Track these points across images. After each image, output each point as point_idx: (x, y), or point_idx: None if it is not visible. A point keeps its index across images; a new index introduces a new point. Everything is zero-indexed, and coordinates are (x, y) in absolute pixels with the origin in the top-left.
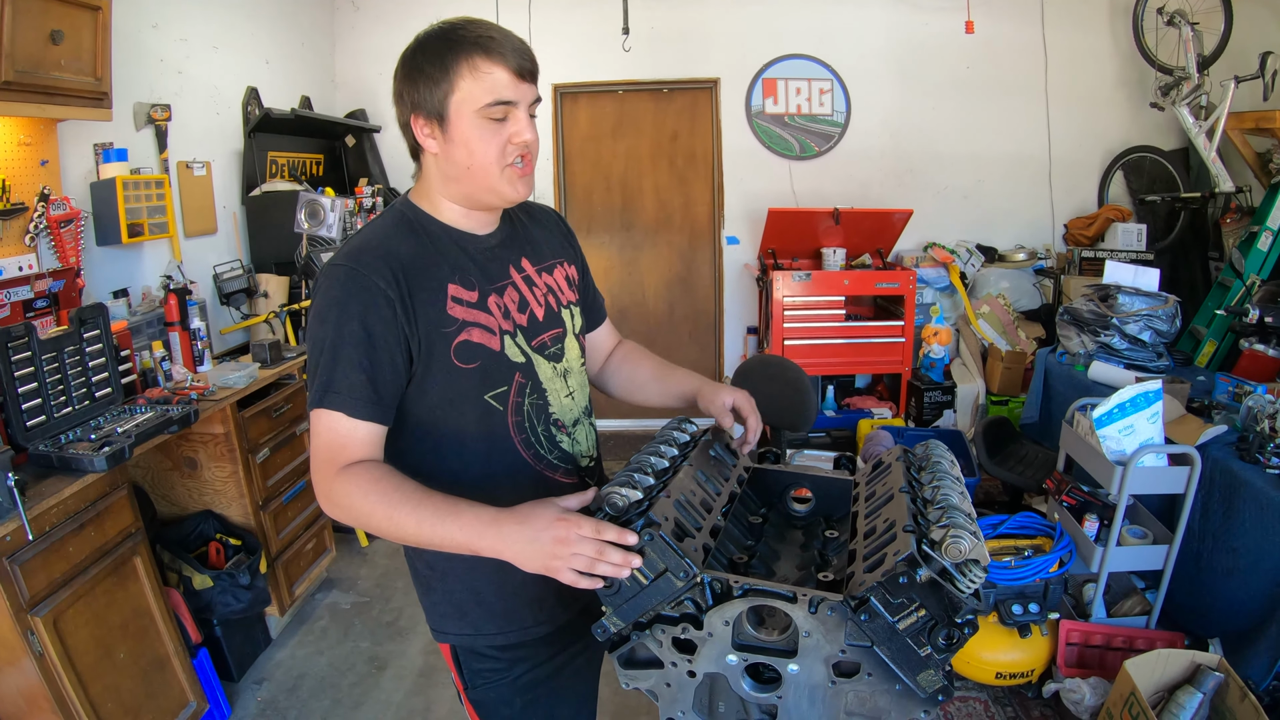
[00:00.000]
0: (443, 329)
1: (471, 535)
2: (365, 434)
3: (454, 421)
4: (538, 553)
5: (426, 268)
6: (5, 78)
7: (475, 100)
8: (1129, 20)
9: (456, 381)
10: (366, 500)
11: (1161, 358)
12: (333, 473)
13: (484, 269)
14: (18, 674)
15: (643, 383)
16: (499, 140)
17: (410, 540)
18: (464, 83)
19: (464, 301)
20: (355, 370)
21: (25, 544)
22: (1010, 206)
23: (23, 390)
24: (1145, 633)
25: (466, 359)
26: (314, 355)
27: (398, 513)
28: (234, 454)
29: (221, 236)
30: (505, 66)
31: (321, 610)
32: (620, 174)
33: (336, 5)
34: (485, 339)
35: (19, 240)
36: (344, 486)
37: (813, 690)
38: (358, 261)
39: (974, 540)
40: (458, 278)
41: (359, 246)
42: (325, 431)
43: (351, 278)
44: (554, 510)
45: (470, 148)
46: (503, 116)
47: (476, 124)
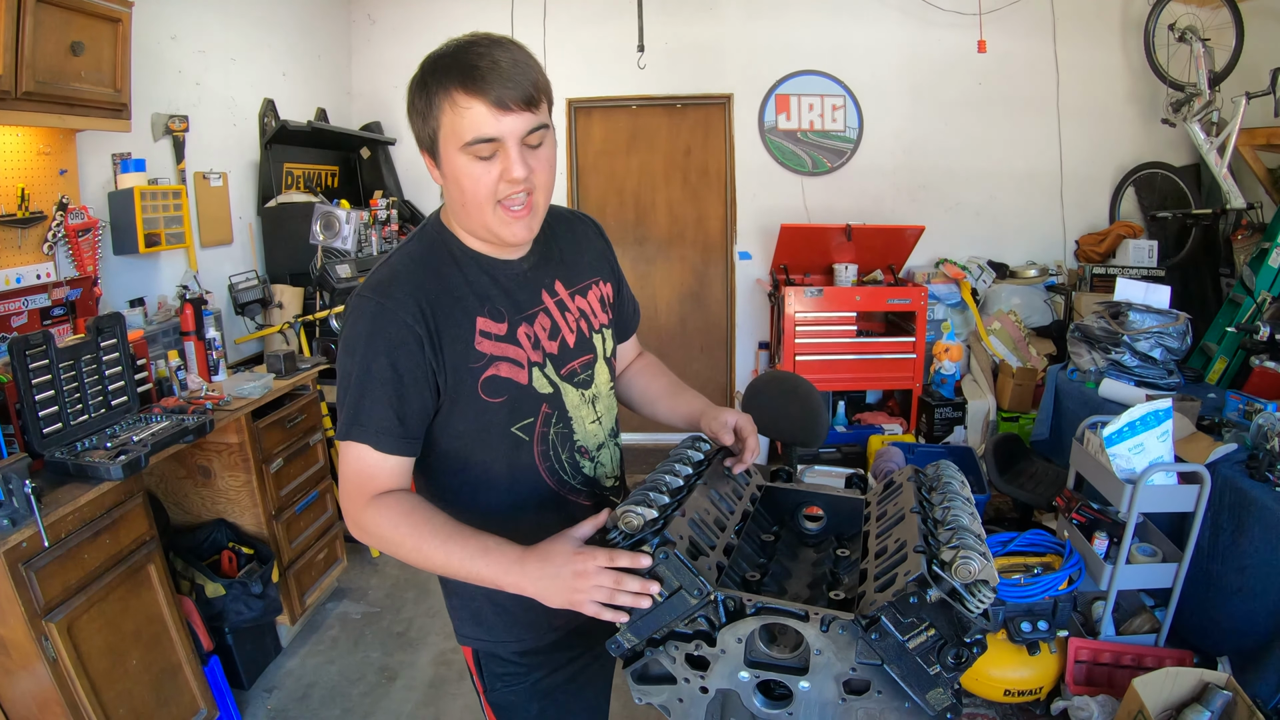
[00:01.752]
0: (470, 364)
1: (498, 573)
2: (393, 466)
3: (480, 452)
4: (560, 588)
5: (455, 301)
6: (26, 88)
7: (457, 137)
8: (1141, 36)
9: (483, 415)
10: (397, 531)
11: (1172, 375)
12: (363, 502)
13: (513, 298)
14: (31, 679)
15: (654, 398)
16: (489, 178)
17: (438, 571)
18: (446, 118)
19: (492, 335)
20: (382, 406)
21: (41, 550)
22: (1022, 223)
23: (40, 398)
24: (1154, 651)
25: (493, 393)
26: (342, 387)
27: (426, 545)
28: (248, 464)
29: (237, 247)
30: (484, 100)
31: (332, 620)
32: (634, 188)
33: (353, 19)
34: (513, 373)
35: (37, 249)
36: (374, 516)
37: (823, 707)
38: (386, 296)
39: (983, 561)
40: (486, 309)
41: (388, 278)
42: (354, 461)
43: (380, 313)
44: (571, 545)
45: (461, 185)
46: (490, 154)
47: (463, 161)
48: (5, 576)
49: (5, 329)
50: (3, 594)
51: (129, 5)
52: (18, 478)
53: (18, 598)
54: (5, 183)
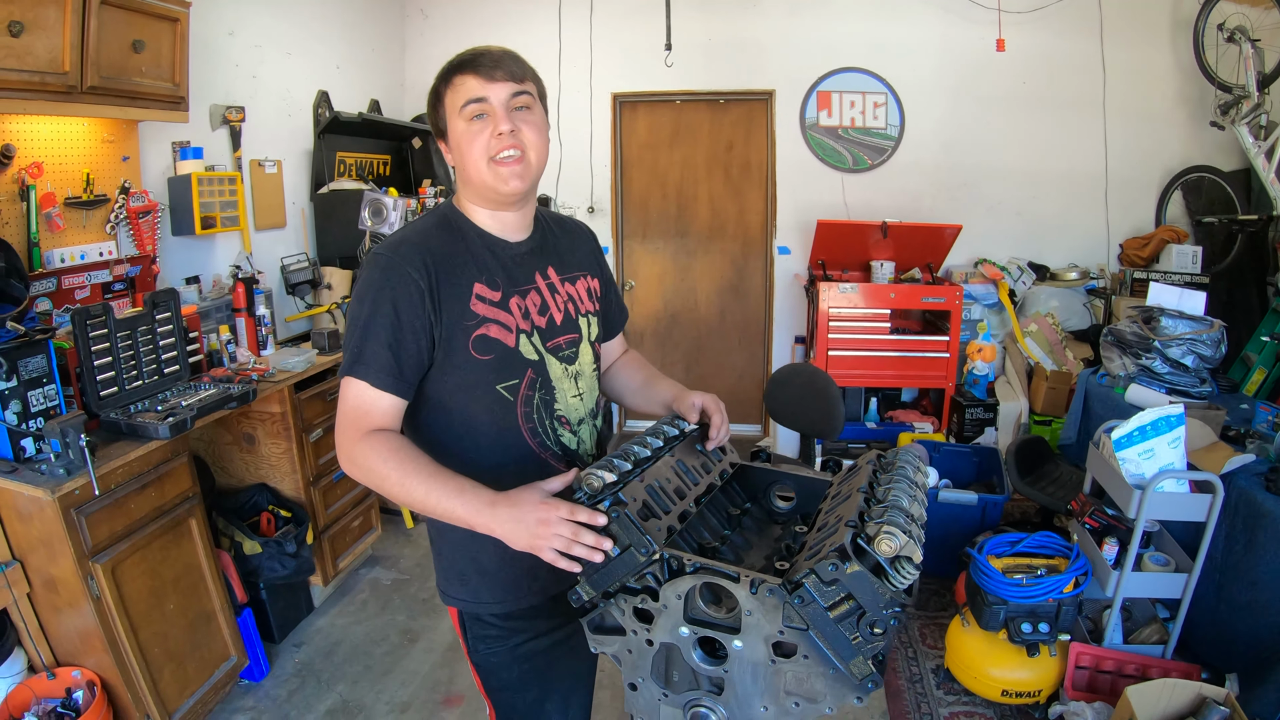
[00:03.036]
0: (464, 322)
1: (470, 513)
2: (388, 405)
3: (468, 406)
4: (523, 532)
5: (457, 265)
6: (91, 83)
7: (454, 107)
8: (1190, 36)
9: (472, 370)
10: (385, 465)
11: (1204, 383)
12: (357, 436)
13: (510, 272)
14: (77, 615)
15: (634, 389)
16: (482, 138)
17: (416, 506)
18: (448, 97)
19: (487, 300)
20: (383, 347)
21: (92, 498)
22: (1064, 224)
23: (98, 364)
24: (1160, 662)
25: (482, 351)
26: (349, 330)
27: (410, 480)
28: (289, 432)
29: (290, 230)
30: (474, 74)
31: (363, 584)
32: (676, 182)
33: (407, 13)
34: (502, 335)
35: (101, 228)
36: (365, 450)
37: (755, 667)
38: (396, 252)
39: (905, 539)
40: (484, 278)
41: (400, 240)
42: (352, 398)
43: (390, 266)
44: (538, 495)
45: (461, 149)
46: (479, 114)
47: (462, 128)
48: (58, 519)
49: (70, 301)
50: (55, 535)
51: (186, 5)
52: (74, 431)
53: (68, 539)
54: (72, 168)
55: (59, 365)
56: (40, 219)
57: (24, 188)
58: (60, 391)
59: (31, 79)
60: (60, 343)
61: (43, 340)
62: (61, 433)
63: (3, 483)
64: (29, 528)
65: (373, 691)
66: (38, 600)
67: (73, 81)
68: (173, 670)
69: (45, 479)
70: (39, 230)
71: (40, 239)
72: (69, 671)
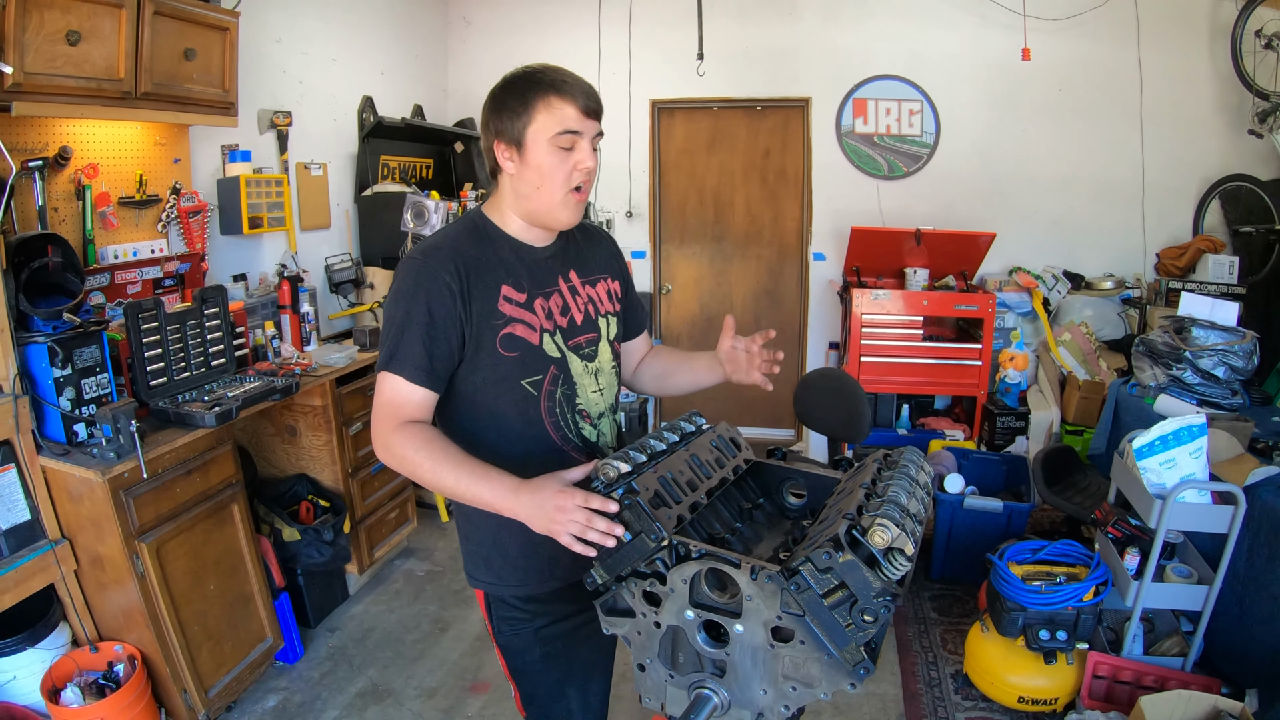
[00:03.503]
0: (492, 321)
1: (496, 497)
2: (421, 398)
3: (496, 400)
4: (543, 517)
5: (486, 268)
6: (144, 89)
7: (548, 130)
8: (1228, 42)
9: (499, 366)
10: (418, 454)
11: (1236, 395)
12: (392, 426)
13: (535, 276)
14: (121, 592)
15: (671, 370)
16: (565, 167)
17: (447, 493)
18: (540, 116)
19: (513, 301)
20: (417, 344)
21: (140, 481)
22: (1100, 233)
23: (149, 355)
24: (1179, 674)
25: (509, 348)
26: (385, 328)
27: (441, 468)
28: (330, 425)
29: (334, 231)
30: (574, 104)
31: (398, 574)
32: (713, 187)
33: (449, 21)
34: (527, 334)
35: (152, 227)
36: (400, 439)
37: (755, 651)
38: (429, 256)
39: (898, 532)
40: (511, 280)
41: (433, 244)
42: (388, 391)
43: (423, 268)
44: (557, 483)
45: (541, 171)
46: (570, 146)
47: (548, 151)
48: (107, 500)
49: (122, 295)
50: (104, 515)
51: (235, 16)
52: (125, 418)
53: (116, 519)
54: (126, 169)
55: (111, 356)
56: (95, 217)
57: (80, 187)
58: (112, 380)
59: (89, 85)
60: (113, 334)
61: (96, 332)
62: (113, 418)
63: (55, 464)
64: (79, 508)
65: (402, 676)
66: (84, 577)
67: (127, 88)
68: (211, 648)
69: (96, 461)
70: (93, 228)
71: (95, 236)
72: (111, 645)
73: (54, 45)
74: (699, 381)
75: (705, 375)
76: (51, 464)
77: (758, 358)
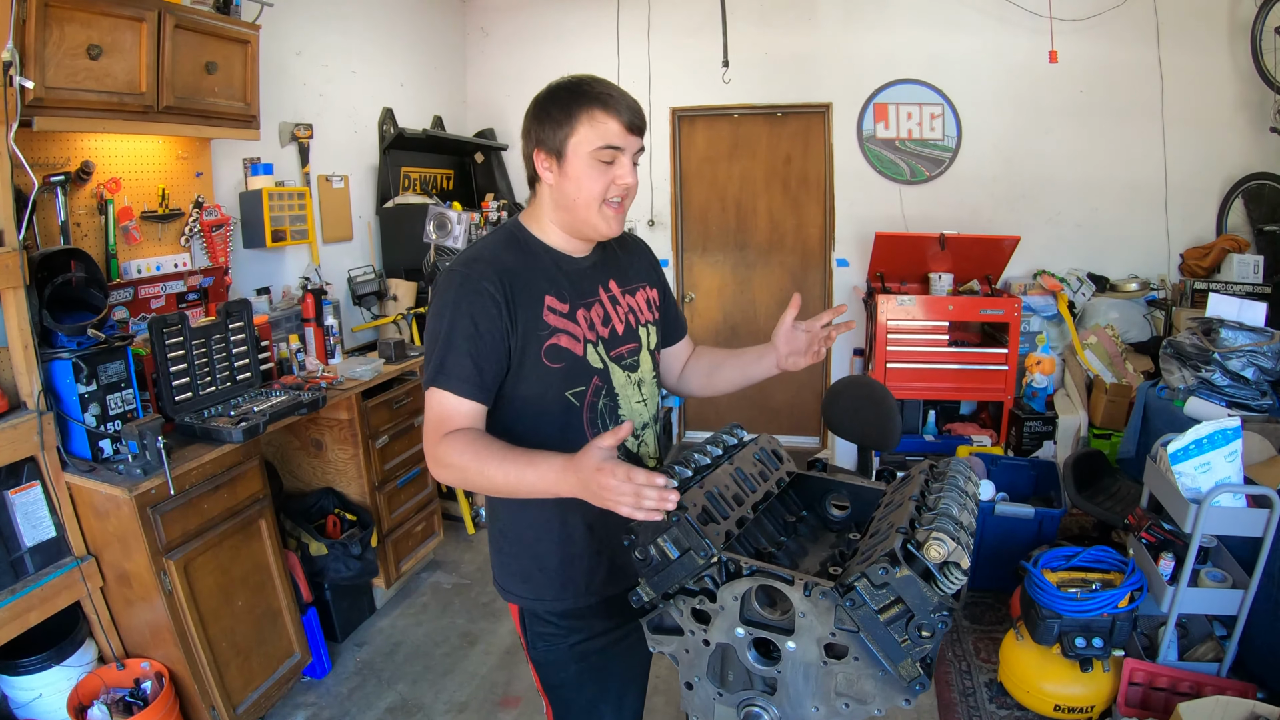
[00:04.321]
0: (538, 332)
1: (547, 481)
2: (469, 410)
3: (540, 413)
4: (594, 496)
5: (529, 279)
6: (166, 103)
7: (590, 143)
8: (1248, 40)
9: (544, 378)
10: (463, 457)
11: (1265, 396)
12: (438, 439)
13: (576, 286)
14: (149, 609)
15: (719, 365)
16: (604, 180)
17: (500, 489)
18: (582, 128)
19: (557, 311)
20: (464, 358)
21: (167, 498)
22: (1124, 234)
23: (174, 370)
24: (1215, 680)
25: (554, 359)
26: (429, 343)
27: (488, 466)
28: (356, 439)
29: (356, 243)
30: (618, 119)
31: (425, 588)
32: (735, 195)
33: (468, 31)
34: (571, 345)
35: (176, 241)
36: (447, 447)
37: (807, 668)
38: (471, 268)
39: (954, 545)
40: (554, 291)
41: (474, 256)
42: (436, 406)
43: (466, 281)
44: (594, 460)
45: (580, 183)
46: (610, 160)
47: (588, 164)
48: (134, 517)
49: (145, 310)
50: (131, 532)
51: (256, 29)
52: (151, 434)
53: (144, 536)
54: (148, 184)
55: (136, 371)
56: (118, 232)
57: (102, 202)
58: (137, 396)
59: (110, 99)
60: (137, 349)
61: (121, 347)
62: (140, 434)
63: (81, 481)
64: (105, 524)
65: (431, 691)
66: (110, 594)
67: (149, 102)
68: (239, 664)
69: (123, 478)
70: (116, 242)
71: (118, 250)
72: (138, 663)
73: (75, 60)
74: (749, 374)
75: (754, 367)
76: (77, 480)
77: (818, 338)
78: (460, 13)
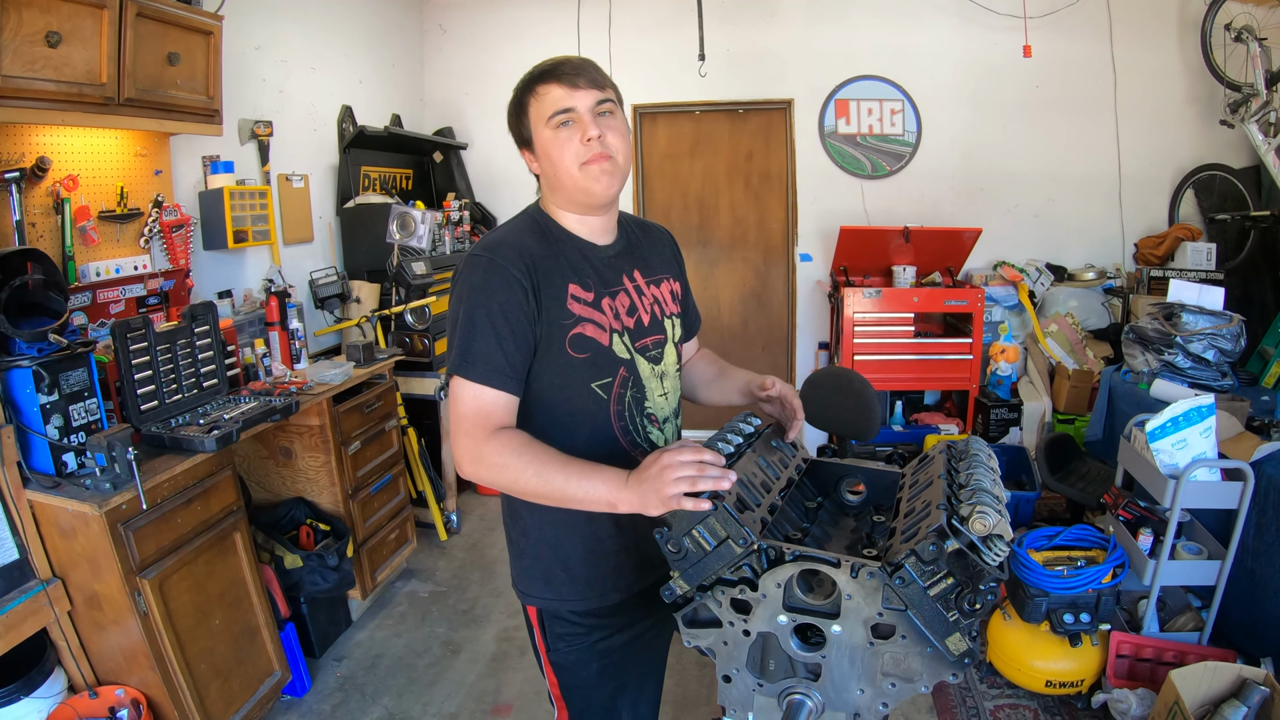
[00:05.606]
0: (562, 320)
1: (609, 491)
2: (505, 403)
3: (565, 403)
4: (654, 489)
5: (552, 265)
6: (127, 95)
7: (542, 117)
8: (1198, 36)
9: (568, 369)
10: (519, 459)
11: (1226, 377)
12: (484, 435)
13: (600, 274)
14: (121, 633)
15: (708, 381)
16: (571, 144)
17: (552, 497)
18: (533, 108)
19: (581, 300)
20: (493, 345)
21: (139, 513)
22: (1080, 225)
23: (139, 377)
24: (1196, 648)
25: (579, 349)
26: (452, 329)
27: (547, 470)
28: (328, 445)
29: (318, 244)
30: (558, 83)
31: (400, 597)
32: (697, 192)
33: (425, 29)
34: (596, 334)
35: (134, 242)
36: (497, 446)
37: (853, 650)
38: (496, 253)
39: (998, 517)
40: (578, 279)
41: (498, 241)
42: (471, 400)
43: (491, 265)
44: (655, 453)
45: (551, 157)
46: (566, 122)
47: (549, 136)
48: (105, 535)
49: (105, 315)
50: (101, 551)
51: (219, 19)
52: (121, 445)
53: (115, 555)
54: (106, 181)
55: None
56: (75, 232)
57: (58, 200)
58: (101, 406)
59: (69, 90)
60: (100, 357)
61: (84, 354)
62: (108, 446)
63: (45, 498)
64: (71, 544)
65: (419, 703)
66: (79, 618)
67: (110, 93)
68: (219, 686)
69: (91, 494)
70: (74, 243)
71: (75, 252)
72: (112, 690)
73: (33, 47)
74: (730, 400)
75: (738, 397)
76: (40, 498)
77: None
78: (418, 9)
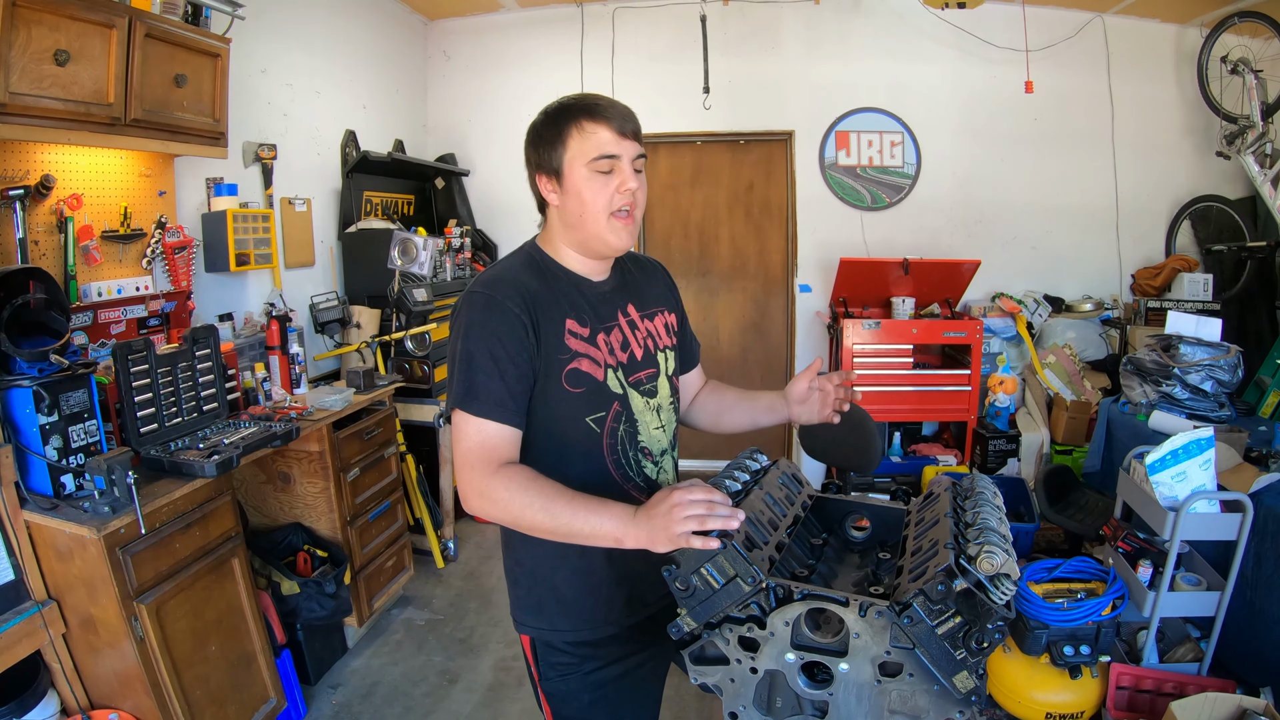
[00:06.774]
0: (559, 355)
1: (616, 526)
2: (509, 436)
3: (559, 436)
4: (662, 526)
5: (549, 301)
6: (134, 115)
7: (584, 155)
8: (1194, 69)
9: (564, 403)
10: (525, 494)
11: (1223, 408)
12: (490, 470)
13: (596, 310)
14: (117, 657)
15: (729, 406)
16: (607, 191)
17: (561, 531)
18: (574, 141)
19: (578, 335)
20: (494, 380)
21: (137, 537)
22: (1078, 257)
23: (139, 399)
24: (1196, 679)
25: (575, 384)
26: (453, 365)
27: (554, 505)
28: (327, 471)
29: (319, 269)
30: (609, 126)
31: (397, 625)
32: (698, 222)
33: (429, 55)
34: (592, 369)
35: (137, 263)
36: (504, 481)
37: (860, 688)
38: (494, 289)
39: (1005, 556)
40: (574, 314)
41: (495, 278)
42: (475, 434)
43: (490, 302)
44: (664, 491)
45: (582, 197)
46: (608, 169)
47: (586, 176)
48: (102, 559)
49: (105, 335)
50: (98, 575)
51: (227, 41)
52: (121, 469)
53: (113, 579)
54: (110, 201)
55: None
56: (77, 251)
57: (62, 219)
58: (101, 428)
59: (76, 109)
60: (100, 378)
61: (85, 375)
62: (108, 469)
63: (42, 520)
64: (68, 566)
65: None
66: (73, 641)
67: (117, 113)
68: (214, 713)
69: (89, 516)
70: (76, 263)
71: (77, 272)
72: (105, 715)
73: (41, 65)
74: (758, 421)
75: (765, 415)
76: (37, 519)
77: (833, 395)
78: (422, 35)
